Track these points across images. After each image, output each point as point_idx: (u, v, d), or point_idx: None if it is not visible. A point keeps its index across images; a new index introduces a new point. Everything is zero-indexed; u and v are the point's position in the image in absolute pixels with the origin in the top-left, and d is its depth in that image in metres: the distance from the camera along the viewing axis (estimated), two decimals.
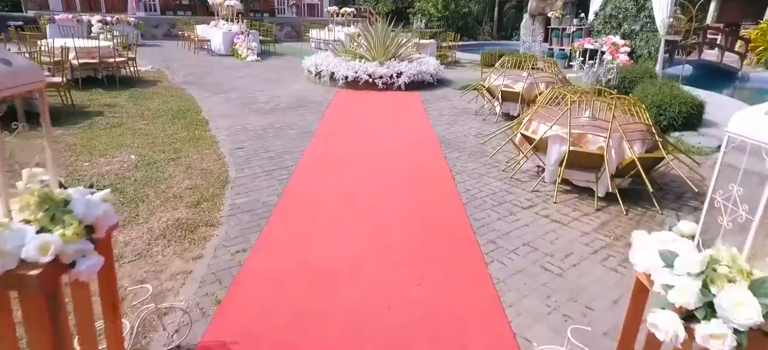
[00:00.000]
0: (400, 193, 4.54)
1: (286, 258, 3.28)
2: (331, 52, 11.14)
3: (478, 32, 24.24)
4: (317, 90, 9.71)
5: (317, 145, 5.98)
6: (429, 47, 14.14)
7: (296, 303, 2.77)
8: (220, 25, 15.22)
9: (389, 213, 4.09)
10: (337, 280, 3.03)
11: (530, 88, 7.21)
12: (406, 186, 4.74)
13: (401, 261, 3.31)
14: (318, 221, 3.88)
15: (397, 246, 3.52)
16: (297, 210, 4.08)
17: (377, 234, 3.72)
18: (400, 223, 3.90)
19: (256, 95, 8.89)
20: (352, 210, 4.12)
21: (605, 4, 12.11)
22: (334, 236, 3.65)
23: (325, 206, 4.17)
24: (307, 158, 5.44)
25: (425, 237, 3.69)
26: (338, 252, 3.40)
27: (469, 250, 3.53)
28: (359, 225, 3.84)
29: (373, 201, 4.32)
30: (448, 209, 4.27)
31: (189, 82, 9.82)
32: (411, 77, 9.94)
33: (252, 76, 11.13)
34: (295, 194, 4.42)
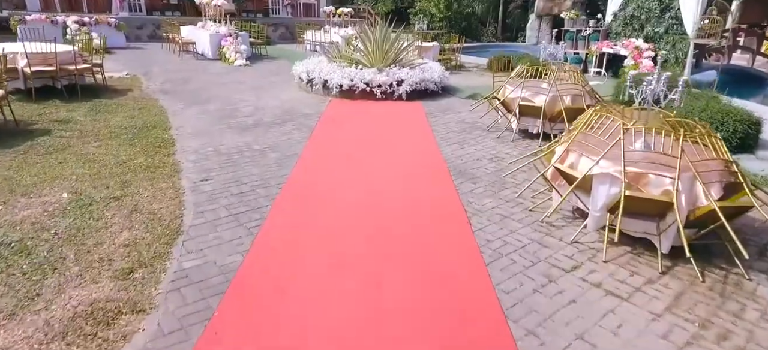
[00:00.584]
0: (402, 249, 3.50)
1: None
2: (325, 57, 10.10)
3: (481, 33, 23.22)
4: (308, 100, 8.67)
5: (301, 174, 4.94)
6: (431, 50, 13.11)
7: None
8: (207, 26, 14.18)
9: (388, 282, 3.05)
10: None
11: (553, 102, 6.17)
12: (409, 237, 3.70)
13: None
14: (291, 297, 2.85)
15: (399, 339, 2.48)
16: (264, 280, 3.04)
17: (371, 317, 2.69)
18: (401, 299, 2.86)
19: (238, 106, 7.85)
20: (337, 279, 3.08)
21: (625, 4, 11.08)
22: (311, 321, 2.61)
23: (302, 272, 3.13)
24: (287, 193, 4.40)
25: (437, 323, 2.66)
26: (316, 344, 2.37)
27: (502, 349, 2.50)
28: (346, 304, 2.81)
29: (365, 264, 3.28)
30: (467, 274, 3.23)
31: (165, 91, 8.78)
32: (413, 85, 8.90)
33: (238, 82, 10.09)
34: (264, 251, 3.38)
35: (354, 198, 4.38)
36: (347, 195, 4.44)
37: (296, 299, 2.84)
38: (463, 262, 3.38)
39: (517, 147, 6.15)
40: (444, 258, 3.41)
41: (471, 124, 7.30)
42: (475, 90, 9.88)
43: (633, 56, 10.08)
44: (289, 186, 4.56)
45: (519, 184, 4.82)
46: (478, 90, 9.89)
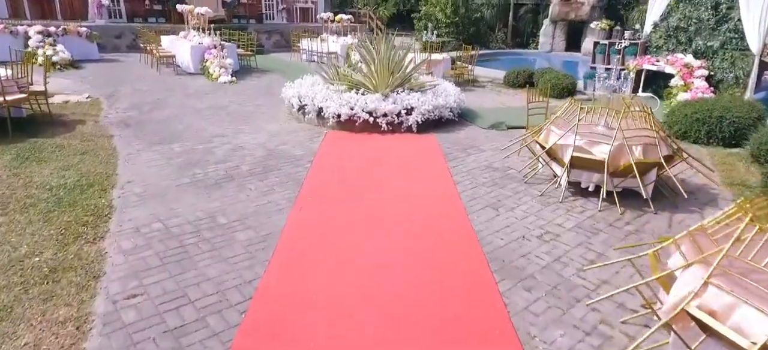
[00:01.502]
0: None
1: None
2: (320, 75, 8.59)
3: (490, 39, 21.71)
4: (299, 133, 7.17)
5: (278, 274, 3.43)
6: (441, 64, 11.61)
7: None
8: (190, 36, 12.67)
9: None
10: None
11: (618, 154, 4.65)
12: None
13: None
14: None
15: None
16: None
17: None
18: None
19: (211, 145, 6.35)
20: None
21: (668, 13, 9.56)
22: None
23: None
24: (254, 321, 2.90)
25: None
26: None
27: None
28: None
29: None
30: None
31: (126, 122, 7.27)
32: (425, 114, 7.39)
33: (217, 108, 8.58)
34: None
35: (354, 310, 2.87)
36: (344, 305, 2.94)
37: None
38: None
39: (571, 212, 4.64)
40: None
41: (502, 170, 5.79)
42: (496, 115, 8.38)
43: (682, 75, 8.57)
44: (259, 305, 3.05)
45: (593, 288, 3.32)
46: (500, 115, 8.40)
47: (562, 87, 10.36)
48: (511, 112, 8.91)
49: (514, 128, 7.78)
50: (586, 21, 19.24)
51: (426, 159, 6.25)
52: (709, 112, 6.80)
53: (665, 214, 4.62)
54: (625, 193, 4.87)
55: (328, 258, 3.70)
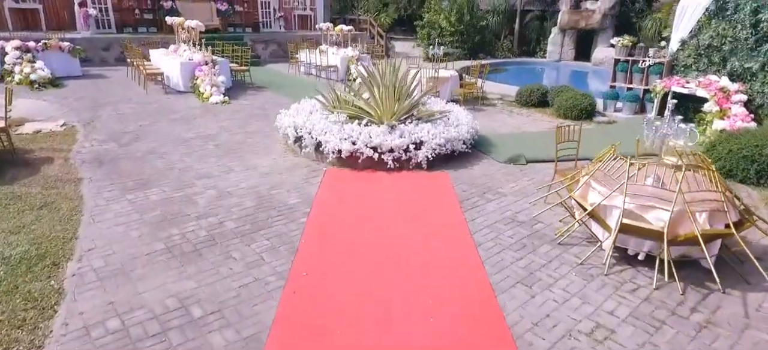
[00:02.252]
0: None
1: None
2: (319, 100, 7.79)
3: (496, 47, 20.91)
4: (295, 170, 6.37)
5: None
6: (449, 82, 10.81)
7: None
8: (180, 51, 11.87)
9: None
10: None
11: (679, 222, 3.85)
12: None
13: None
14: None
15: None
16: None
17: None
18: None
19: (194, 191, 5.54)
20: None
21: (699, 30, 8.76)
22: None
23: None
24: None
25: None
26: None
27: None
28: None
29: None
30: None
31: (100, 159, 6.46)
32: (436, 149, 6.59)
33: (205, 137, 7.77)
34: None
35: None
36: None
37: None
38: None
39: (621, 291, 3.84)
40: None
41: (529, 224, 4.98)
42: (512, 144, 7.59)
43: (717, 100, 7.77)
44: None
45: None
46: (517, 143, 7.61)
47: (580, 108, 9.58)
48: (529, 139, 8.12)
49: (533, 162, 6.99)
50: (597, 29, 18.47)
51: (439, 206, 5.45)
52: (758, 149, 6.01)
53: (736, 294, 3.82)
54: (682, 262, 4.07)
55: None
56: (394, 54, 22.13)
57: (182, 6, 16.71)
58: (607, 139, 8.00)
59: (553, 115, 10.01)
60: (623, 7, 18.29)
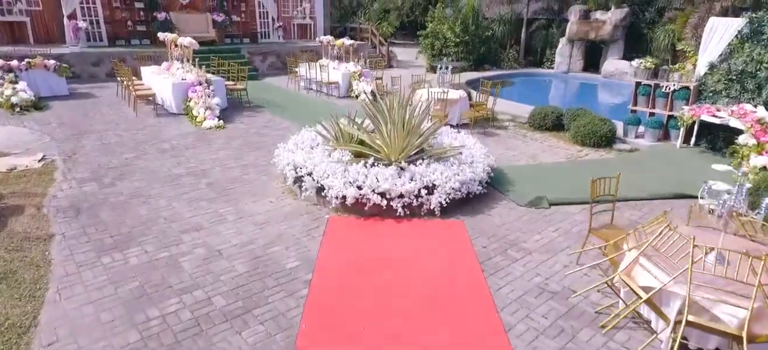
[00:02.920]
0: None
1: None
2: (320, 133, 7.14)
3: (502, 58, 20.27)
4: (295, 219, 5.72)
5: None
6: (458, 104, 10.16)
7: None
8: (173, 69, 11.22)
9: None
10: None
11: (759, 318, 3.21)
12: None
13: None
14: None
15: None
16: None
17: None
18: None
19: (179, 252, 4.90)
20: None
21: (730, 53, 8.13)
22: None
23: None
24: None
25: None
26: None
27: None
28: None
29: None
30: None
31: (78, 206, 5.81)
32: (450, 193, 5.94)
33: (197, 173, 7.13)
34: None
35: None
36: None
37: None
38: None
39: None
40: None
41: (563, 296, 4.34)
42: (531, 180, 6.96)
43: (754, 132, 7.14)
44: None
45: None
46: (535, 179, 6.98)
47: (599, 135, 8.94)
48: (547, 174, 7.48)
49: (557, 205, 6.35)
50: (607, 41, 17.85)
51: (458, 269, 4.80)
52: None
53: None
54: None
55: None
56: (397, 62, 21.51)
57: (177, 17, 16.08)
58: (632, 174, 7.37)
59: (570, 141, 9.37)
60: (634, 17, 17.66)
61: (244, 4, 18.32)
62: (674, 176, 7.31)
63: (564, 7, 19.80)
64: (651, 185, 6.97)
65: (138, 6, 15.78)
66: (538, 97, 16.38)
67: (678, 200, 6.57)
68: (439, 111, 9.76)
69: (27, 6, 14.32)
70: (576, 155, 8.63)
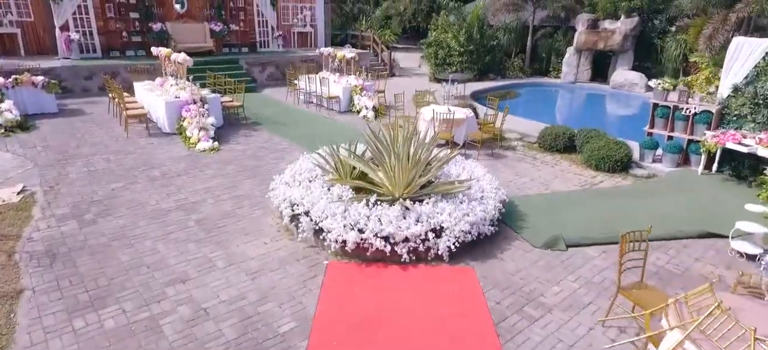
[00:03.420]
0: None
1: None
2: (318, 165, 6.66)
3: (507, 67, 19.77)
4: (290, 266, 5.24)
5: None
6: (464, 125, 9.66)
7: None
8: (166, 85, 10.75)
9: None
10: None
11: None
12: None
13: None
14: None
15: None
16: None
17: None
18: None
19: (161, 312, 4.42)
20: None
21: (756, 76, 7.64)
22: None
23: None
24: None
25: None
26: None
27: None
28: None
29: None
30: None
31: (54, 252, 5.33)
32: (459, 236, 5.46)
33: (187, 207, 6.65)
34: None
35: None
36: None
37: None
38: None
39: None
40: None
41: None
42: (545, 215, 6.47)
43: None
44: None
45: None
46: (550, 213, 6.48)
47: (615, 160, 8.45)
48: (562, 206, 6.99)
49: (575, 247, 5.85)
50: (616, 51, 17.34)
51: (468, 329, 4.31)
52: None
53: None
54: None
55: None
56: (399, 70, 21.02)
57: (173, 27, 15.62)
58: (653, 206, 6.85)
59: (583, 165, 8.88)
60: (643, 26, 17.15)
61: (243, 13, 17.86)
62: (700, 210, 6.80)
63: (571, 14, 19.30)
64: (675, 220, 6.47)
65: (133, 16, 15.32)
66: (545, 110, 15.92)
67: (706, 239, 6.07)
68: (446, 131, 9.28)
69: (18, 17, 13.88)
70: (590, 182, 8.14)
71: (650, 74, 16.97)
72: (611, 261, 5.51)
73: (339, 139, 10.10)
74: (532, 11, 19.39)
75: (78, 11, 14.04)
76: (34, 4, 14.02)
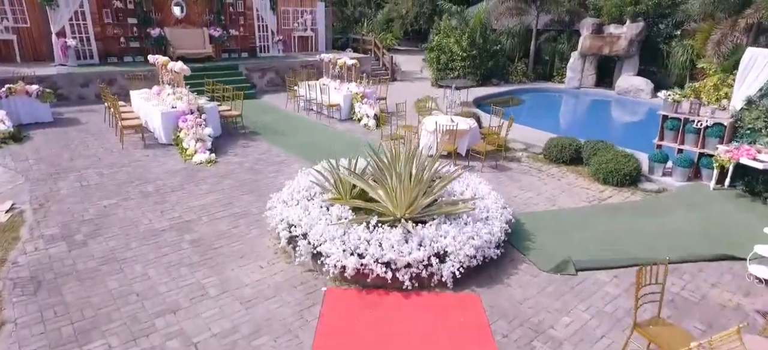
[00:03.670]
0: None
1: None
2: (317, 183, 6.42)
3: (510, 72, 19.50)
4: (287, 294, 5.00)
5: None
6: (467, 136, 9.41)
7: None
8: (163, 94, 10.52)
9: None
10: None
11: None
12: None
13: None
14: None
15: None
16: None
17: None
18: None
19: (149, 341, 4.19)
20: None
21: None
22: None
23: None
24: None
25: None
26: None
27: None
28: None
29: None
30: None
31: (39, 278, 5.10)
32: (464, 261, 5.21)
33: (180, 227, 6.41)
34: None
35: None
36: None
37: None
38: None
39: None
40: None
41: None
42: (552, 233, 6.21)
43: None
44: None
45: None
46: (557, 232, 6.24)
47: (623, 173, 8.19)
48: (570, 224, 6.74)
49: (586, 271, 5.60)
50: (622, 56, 17.07)
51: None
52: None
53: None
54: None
55: None
56: (401, 74, 20.77)
57: (171, 33, 15.40)
58: (664, 223, 6.57)
59: (590, 178, 8.62)
60: (649, 31, 16.87)
61: (243, 18, 17.63)
62: (714, 229, 6.55)
63: (575, 18, 19.03)
64: (688, 240, 6.22)
65: (131, 22, 15.10)
66: (549, 117, 15.66)
67: (723, 262, 5.81)
68: (449, 143, 9.03)
69: (14, 23, 13.68)
70: (598, 197, 7.88)
71: (656, 80, 16.70)
72: (623, 288, 5.25)
73: (339, 149, 9.91)
74: (536, 15, 19.12)
75: (75, 17, 13.82)
76: (30, 10, 13.82)
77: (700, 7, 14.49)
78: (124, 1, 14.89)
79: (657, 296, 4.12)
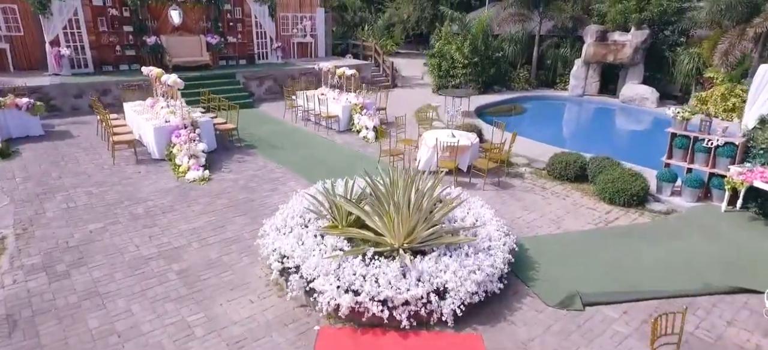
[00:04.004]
0: None
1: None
2: (312, 210, 6.14)
3: (512, 79, 19.21)
4: (278, 334, 4.72)
5: None
6: (468, 152, 9.12)
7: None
8: (157, 107, 10.26)
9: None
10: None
11: None
12: None
13: None
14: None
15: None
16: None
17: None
18: None
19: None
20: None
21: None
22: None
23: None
24: None
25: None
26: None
27: None
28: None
29: None
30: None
31: (15, 317, 4.83)
32: (465, 298, 4.92)
33: (169, 254, 6.13)
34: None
35: None
36: None
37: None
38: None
39: None
40: None
41: None
42: (558, 263, 5.92)
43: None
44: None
45: None
46: (563, 259, 5.97)
47: (630, 193, 7.90)
48: (575, 249, 6.47)
49: (592, 305, 5.31)
50: (627, 64, 16.76)
51: None
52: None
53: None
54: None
55: None
56: (401, 80, 20.51)
57: (168, 41, 15.15)
58: (674, 249, 6.25)
59: (596, 197, 8.33)
60: (654, 39, 16.57)
61: (241, 25, 17.37)
62: (727, 256, 6.25)
63: (579, 25, 18.73)
64: (701, 269, 5.92)
65: (126, 30, 14.85)
66: (553, 126, 15.36)
67: (739, 295, 5.50)
68: (449, 160, 8.75)
69: (7, 32, 13.43)
70: (604, 218, 7.58)
71: (661, 88, 16.39)
72: (634, 326, 4.96)
73: (337, 163, 9.64)
74: (539, 22, 18.83)
75: (69, 25, 13.58)
76: (23, 19, 13.58)
77: (708, 16, 14.17)
78: (119, 9, 14.64)
79: (673, 345, 3.83)
